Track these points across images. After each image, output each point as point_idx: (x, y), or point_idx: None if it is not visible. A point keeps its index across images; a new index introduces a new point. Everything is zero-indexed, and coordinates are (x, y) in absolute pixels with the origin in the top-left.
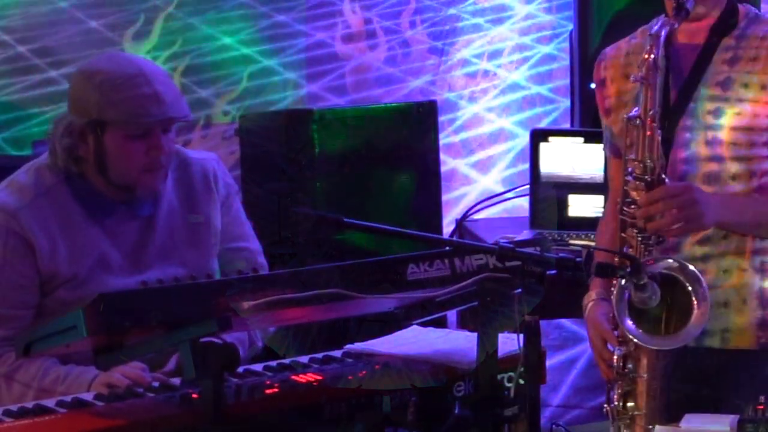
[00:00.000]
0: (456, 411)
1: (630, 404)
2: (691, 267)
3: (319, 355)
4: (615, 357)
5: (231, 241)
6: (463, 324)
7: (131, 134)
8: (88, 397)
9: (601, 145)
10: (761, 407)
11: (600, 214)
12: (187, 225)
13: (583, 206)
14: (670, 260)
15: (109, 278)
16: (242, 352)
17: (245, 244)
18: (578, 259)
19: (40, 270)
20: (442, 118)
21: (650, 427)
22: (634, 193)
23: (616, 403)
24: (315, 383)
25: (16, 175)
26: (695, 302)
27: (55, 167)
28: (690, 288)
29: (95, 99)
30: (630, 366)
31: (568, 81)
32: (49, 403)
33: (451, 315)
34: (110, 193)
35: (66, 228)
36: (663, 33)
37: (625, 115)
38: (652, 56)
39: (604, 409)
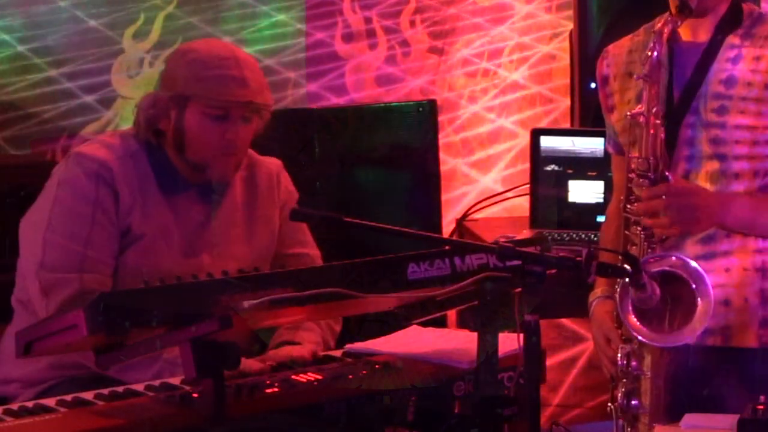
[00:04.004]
0: (456, 411)
1: (634, 402)
2: (694, 264)
3: (319, 355)
4: (619, 355)
5: (292, 247)
6: (463, 323)
7: (211, 113)
8: (88, 396)
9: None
10: (761, 407)
11: (600, 200)
12: (247, 222)
13: (584, 192)
14: (673, 258)
15: (168, 252)
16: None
17: (306, 250)
18: (578, 259)
19: (120, 221)
20: (442, 118)
21: (654, 425)
22: (637, 191)
23: (620, 401)
24: (315, 383)
25: (101, 136)
26: (698, 299)
27: (137, 136)
28: (693, 285)
29: (183, 73)
30: (634, 364)
31: (567, 80)
32: (50, 402)
33: (451, 314)
34: (184, 171)
35: (142, 192)
36: (666, 30)
37: (628, 113)
38: (655, 53)
39: (608, 408)
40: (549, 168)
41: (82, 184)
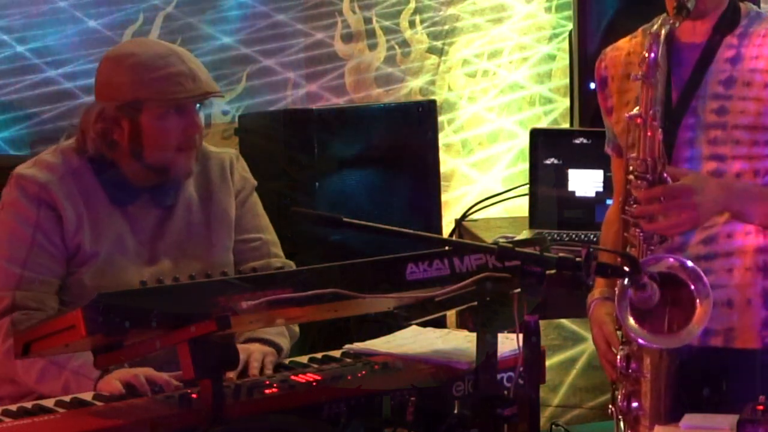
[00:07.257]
0: (455, 411)
1: (634, 404)
2: (691, 264)
3: (318, 355)
4: (618, 357)
5: (244, 233)
6: (462, 324)
7: (167, 112)
8: (87, 397)
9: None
10: (761, 407)
11: (600, 190)
12: (204, 218)
13: (583, 182)
14: (671, 259)
15: (126, 264)
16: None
17: (258, 235)
18: (578, 259)
19: (66, 242)
20: (441, 118)
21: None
22: (635, 192)
23: (620, 403)
24: (314, 383)
25: (42, 155)
26: (697, 300)
27: (80, 151)
28: (692, 286)
29: (128, 80)
30: (634, 366)
31: (567, 81)
32: (48, 403)
33: (451, 315)
34: (139, 178)
35: (89, 208)
36: (663, 32)
37: (626, 114)
38: (652, 55)
39: (609, 410)
40: (548, 165)
41: (23, 207)
